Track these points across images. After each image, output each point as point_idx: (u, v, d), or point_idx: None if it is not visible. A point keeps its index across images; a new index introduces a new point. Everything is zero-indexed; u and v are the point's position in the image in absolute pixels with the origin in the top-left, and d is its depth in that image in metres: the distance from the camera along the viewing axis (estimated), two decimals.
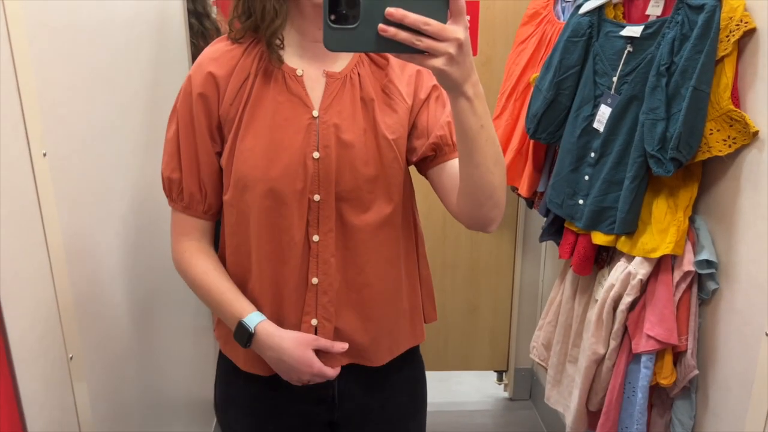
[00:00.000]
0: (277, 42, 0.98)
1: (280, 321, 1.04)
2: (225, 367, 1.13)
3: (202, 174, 1.03)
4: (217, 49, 1.02)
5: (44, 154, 0.97)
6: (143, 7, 1.49)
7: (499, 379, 2.66)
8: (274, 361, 1.02)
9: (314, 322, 1.04)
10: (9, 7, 0.88)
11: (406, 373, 1.18)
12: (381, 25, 0.71)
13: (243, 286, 1.05)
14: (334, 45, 0.73)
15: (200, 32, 1.99)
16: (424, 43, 0.72)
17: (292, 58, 1.00)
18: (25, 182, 0.93)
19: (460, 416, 2.53)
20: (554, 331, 1.72)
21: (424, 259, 1.16)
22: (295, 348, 1.00)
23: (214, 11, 2.03)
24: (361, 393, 1.12)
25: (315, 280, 1.02)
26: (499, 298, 2.49)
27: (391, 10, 0.71)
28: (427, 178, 1.08)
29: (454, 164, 1.01)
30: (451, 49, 0.73)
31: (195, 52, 1.89)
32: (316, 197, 0.99)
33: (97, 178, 1.18)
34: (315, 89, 0.99)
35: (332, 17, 0.71)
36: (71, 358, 1.04)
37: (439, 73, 0.76)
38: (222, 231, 1.07)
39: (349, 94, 1.00)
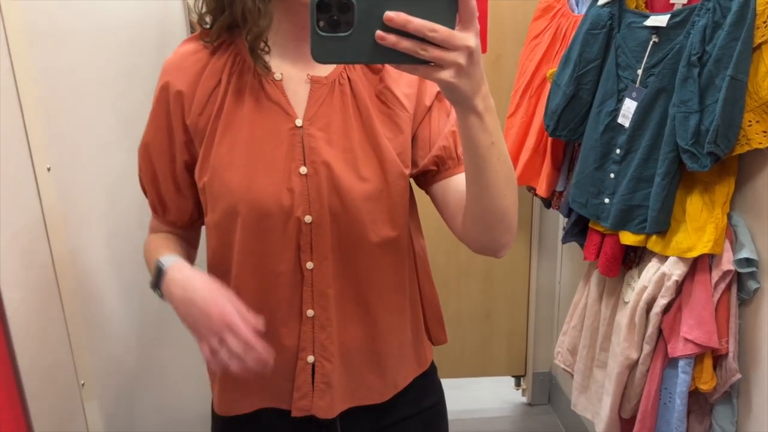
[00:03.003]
0: (262, 46, 0.85)
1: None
2: (213, 414, 1.03)
3: (162, 190, 0.95)
4: (182, 53, 0.90)
5: (48, 169, 0.91)
6: (144, 13, 1.43)
7: (517, 385, 2.60)
8: (182, 303, 0.84)
9: (311, 359, 0.93)
10: (8, 19, 0.82)
11: (419, 404, 1.05)
12: (379, 32, 0.61)
13: None
14: (323, 56, 0.62)
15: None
16: (430, 52, 0.62)
17: (270, 60, 0.88)
18: (30, 198, 0.87)
19: (479, 423, 2.47)
20: (580, 336, 1.66)
21: (426, 275, 1.04)
22: (207, 288, 0.84)
23: (193, 12, 1.98)
24: None
25: (310, 313, 0.91)
26: (515, 302, 2.42)
27: (391, 15, 0.60)
28: (428, 194, 0.96)
29: (459, 180, 0.90)
30: (460, 58, 0.63)
31: None
32: (308, 218, 0.87)
33: (104, 191, 1.12)
34: (298, 95, 0.88)
35: (321, 23, 0.61)
36: (83, 385, 0.98)
37: (446, 86, 0.66)
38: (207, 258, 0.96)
39: (339, 101, 0.88)
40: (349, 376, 0.95)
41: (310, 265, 0.89)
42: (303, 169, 0.86)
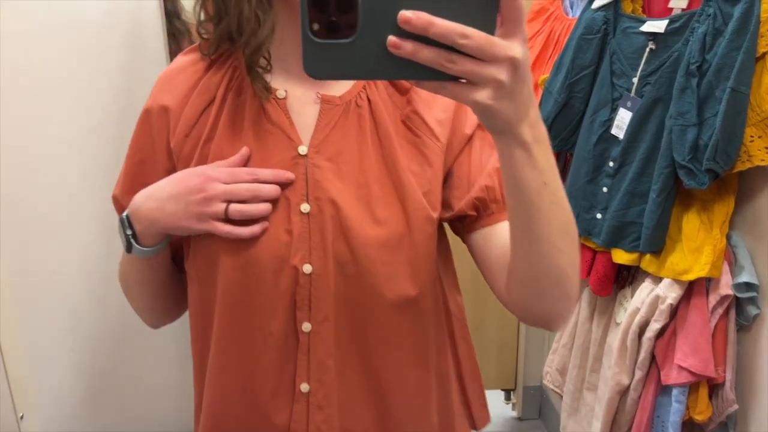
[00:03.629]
0: (263, 62, 0.71)
1: None
2: None
3: None
4: (178, 65, 0.78)
5: None
6: (111, 9, 1.34)
7: (507, 398, 2.52)
8: (157, 206, 0.72)
9: None
10: None
11: None
12: (392, 38, 0.45)
13: (206, 385, 0.79)
14: (318, 69, 0.47)
15: (171, 33, 1.85)
16: (461, 65, 0.46)
17: (273, 76, 0.74)
18: None
19: None
20: (570, 355, 1.58)
21: (465, 342, 0.85)
22: (170, 176, 0.74)
23: (186, 10, 1.88)
24: None
25: (305, 387, 0.74)
26: (505, 314, 2.31)
27: (408, 15, 0.45)
28: (465, 243, 0.79)
29: (505, 229, 0.73)
30: (501, 74, 0.47)
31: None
32: (307, 268, 0.72)
33: (56, 206, 1.04)
34: (304, 118, 0.74)
35: (315, 27, 0.46)
36: (21, 417, 0.90)
37: (482, 111, 0.50)
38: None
39: (355, 126, 0.73)
40: None
41: (307, 326, 0.73)
42: (305, 207, 0.71)
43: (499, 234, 0.74)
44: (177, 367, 1.74)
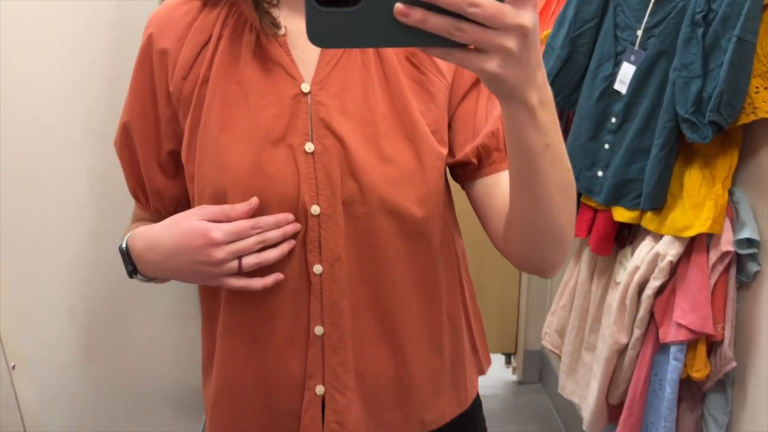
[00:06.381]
0: None
1: (270, 390, 0.77)
2: None
3: (144, 176, 0.80)
4: (170, 4, 0.75)
5: None
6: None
7: (508, 362, 2.53)
8: (159, 261, 0.73)
9: (320, 389, 0.76)
10: None
11: None
12: (399, 6, 0.45)
13: (218, 339, 0.79)
14: (323, 38, 0.47)
15: None
16: (469, 34, 0.46)
17: (273, 10, 0.72)
18: None
19: None
20: (569, 316, 1.57)
21: (470, 286, 0.87)
22: (167, 224, 0.73)
23: None
24: None
25: (319, 330, 0.74)
26: (506, 277, 2.34)
27: None
28: (465, 191, 0.79)
29: (506, 179, 0.72)
30: (510, 42, 0.47)
31: None
32: (315, 209, 0.71)
33: (48, 162, 1.03)
34: (306, 55, 0.72)
35: None
36: (13, 367, 0.90)
37: (490, 78, 0.50)
38: None
39: (359, 62, 0.72)
40: (367, 413, 0.78)
41: (318, 268, 0.73)
42: (309, 146, 0.70)
43: (500, 183, 0.74)
44: (176, 322, 1.74)
